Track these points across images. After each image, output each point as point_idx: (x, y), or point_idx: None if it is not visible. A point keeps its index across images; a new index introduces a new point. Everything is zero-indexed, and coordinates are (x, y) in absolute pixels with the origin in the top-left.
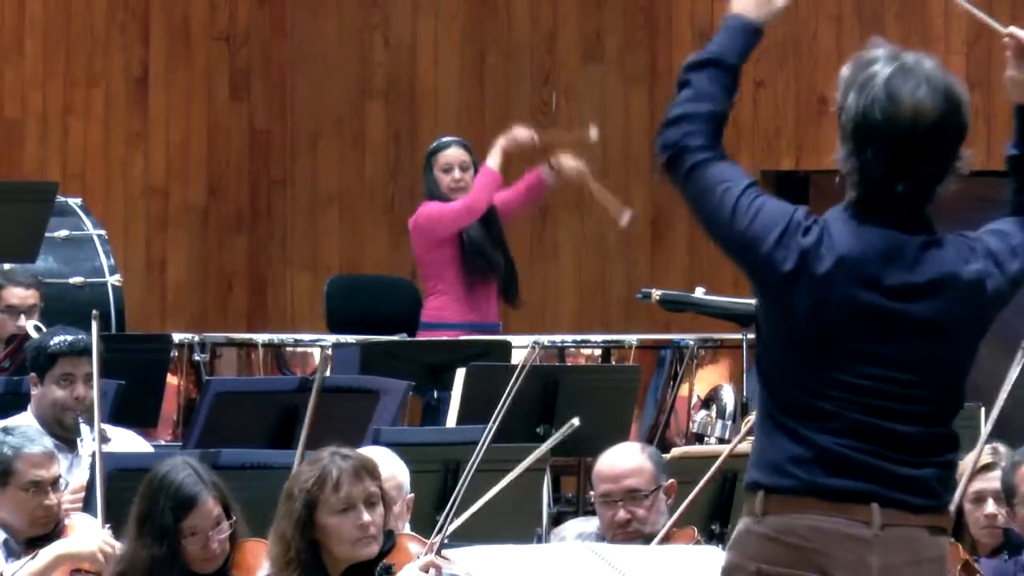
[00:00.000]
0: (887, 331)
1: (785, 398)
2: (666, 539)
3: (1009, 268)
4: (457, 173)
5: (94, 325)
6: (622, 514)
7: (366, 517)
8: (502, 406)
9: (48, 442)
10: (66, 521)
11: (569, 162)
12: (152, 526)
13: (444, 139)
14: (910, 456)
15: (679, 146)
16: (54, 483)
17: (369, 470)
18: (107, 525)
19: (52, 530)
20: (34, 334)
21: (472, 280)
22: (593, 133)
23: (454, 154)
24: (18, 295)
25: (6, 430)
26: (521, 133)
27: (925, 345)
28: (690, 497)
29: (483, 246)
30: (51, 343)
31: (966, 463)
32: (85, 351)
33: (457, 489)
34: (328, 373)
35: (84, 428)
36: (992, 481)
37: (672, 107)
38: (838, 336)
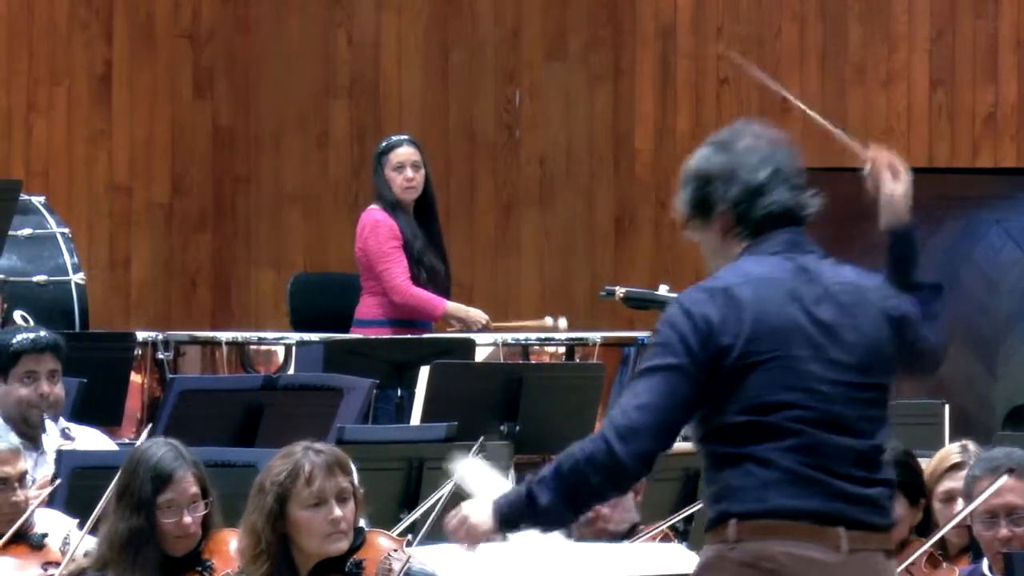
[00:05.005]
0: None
1: (738, 428)
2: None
3: None
4: (409, 172)
5: None
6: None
7: (337, 512)
8: None
9: (14, 438)
10: (34, 518)
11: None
12: (130, 498)
13: (394, 137)
14: (864, 472)
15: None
16: (20, 479)
17: (342, 465)
18: (75, 522)
19: (20, 527)
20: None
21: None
22: (561, 323)
23: (406, 153)
24: None
25: None
26: (478, 319)
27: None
28: None
29: (426, 255)
30: (13, 341)
31: (934, 461)
32: (47, 348)
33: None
34: (292, 371)
35: (49, 424)
36: (961, 480)
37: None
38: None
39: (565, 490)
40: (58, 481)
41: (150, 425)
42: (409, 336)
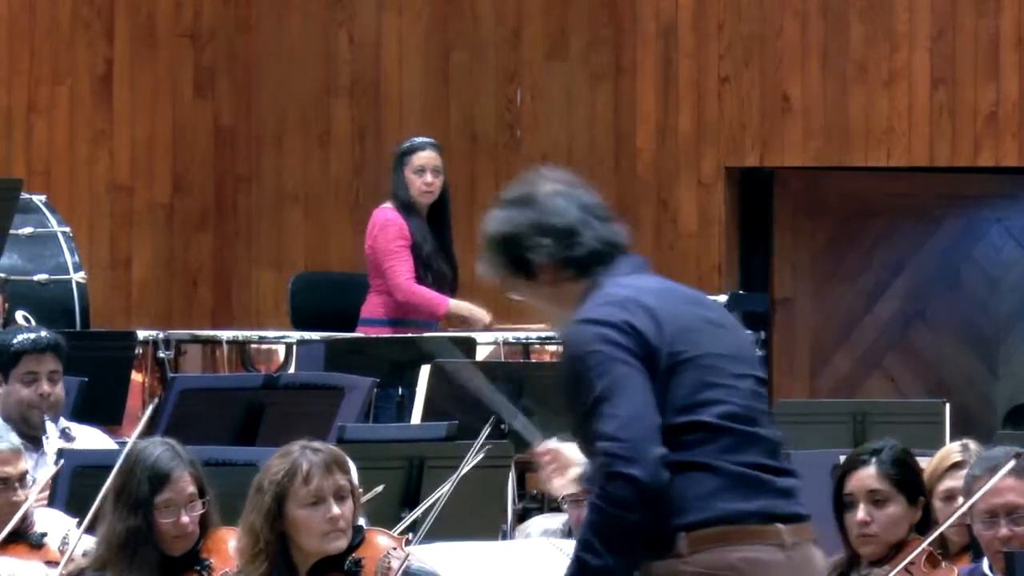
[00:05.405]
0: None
1: (676, 429)
2: None
3: None
4: (429, 177)
5: None
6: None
7: (335, 510)
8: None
9: (15, 438)
10: (33, 517)
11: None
12: (128, 498)
13: (418, 140)
14: (779, 463)
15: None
16: (21, 479)
17: (339, 464)
18: (75, 521)
19: (20, 526)
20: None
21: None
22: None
23: (428, 157)
24: None
25: None
26: (482, 318)
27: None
28: None
29: (435, 259)
30: (14, 341)
31: (935, 460)
32: (48, 348)
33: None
34: (293, 370)
35: (50, 425)
36: (962, 479)
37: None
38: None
39: (611, 541)
40: (61, 462)
41: (150, 406)
42: (410, 335)
